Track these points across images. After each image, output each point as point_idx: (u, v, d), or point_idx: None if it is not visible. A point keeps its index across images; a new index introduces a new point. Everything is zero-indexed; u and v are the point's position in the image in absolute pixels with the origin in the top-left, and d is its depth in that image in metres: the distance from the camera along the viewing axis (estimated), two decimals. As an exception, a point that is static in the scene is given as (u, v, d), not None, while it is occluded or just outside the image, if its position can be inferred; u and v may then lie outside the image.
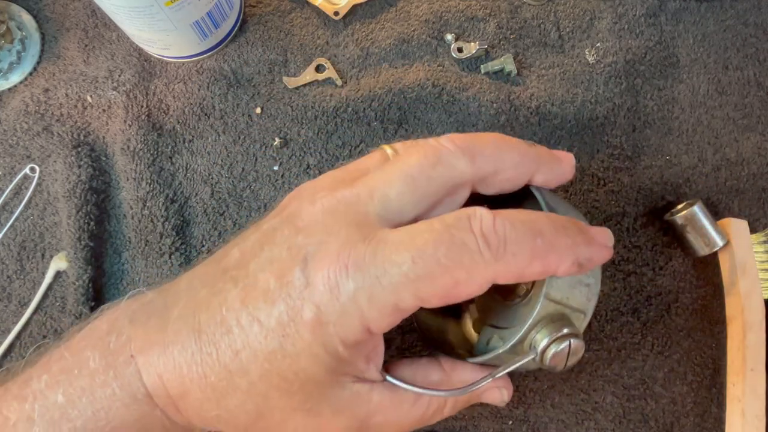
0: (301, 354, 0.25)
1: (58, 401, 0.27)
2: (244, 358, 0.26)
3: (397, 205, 0.27)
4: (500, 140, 0.29)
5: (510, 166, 0.28)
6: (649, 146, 0.41)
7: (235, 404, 0.27)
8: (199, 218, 0.40)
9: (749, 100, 0.41)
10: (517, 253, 0.25)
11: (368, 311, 0.25)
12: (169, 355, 0.26)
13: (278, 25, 0.43)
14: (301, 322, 0.25)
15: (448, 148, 0.28)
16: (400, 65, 0.42)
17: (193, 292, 0.28)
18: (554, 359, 0.27)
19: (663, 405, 0.37)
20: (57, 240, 0.40)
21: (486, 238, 0.25)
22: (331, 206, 0.27)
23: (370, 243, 0.25)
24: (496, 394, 0.32)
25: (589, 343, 0.38)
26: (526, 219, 0.26)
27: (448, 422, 0.37)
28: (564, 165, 0.30)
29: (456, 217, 0.25)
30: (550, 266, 0.26)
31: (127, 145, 0.40)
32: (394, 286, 0.24)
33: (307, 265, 0.25)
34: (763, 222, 0.40)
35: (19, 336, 0.38)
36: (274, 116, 0.41)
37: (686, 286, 0.39)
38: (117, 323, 0.28)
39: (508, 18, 0.43)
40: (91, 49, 0.43)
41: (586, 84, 0.41)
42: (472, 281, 0.25)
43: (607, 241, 0.28)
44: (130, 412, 0.27)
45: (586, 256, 0.26)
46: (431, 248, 0.24)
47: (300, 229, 0.27)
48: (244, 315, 0.26)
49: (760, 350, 0.36)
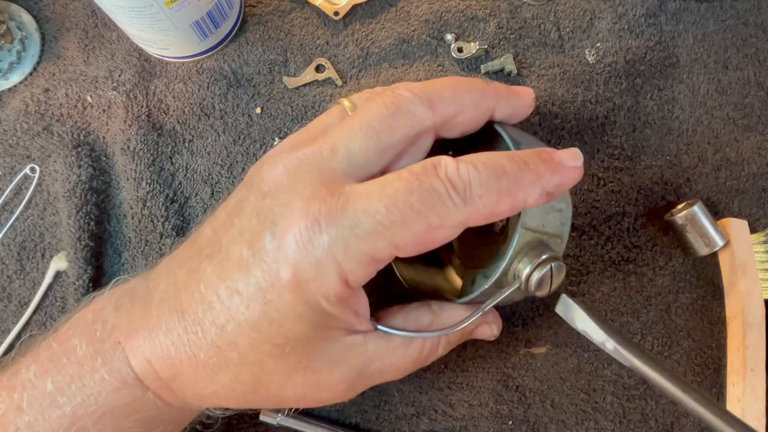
0: (286, 316, 0.25)
1: (47, 389, 0.27)
2: (230, 331, 0.26)
3: (362, 158, 0.27)
4: (457, 82, 0.29)
5: (469, 106, 0.29)
6: (649, 146, 0.41)
7: (230, 378, 0.27)
8: (199, 218, 0.40)
9: (749, 100, 0.41)
10: (483, 195, 0.25)
11: (344, 263, 0.25)
12: (155, 339, 0.27)
13: (278, 25, 0.43)
14: (280, 284, 0.25)
15: (407, 97, 0.28)
16: (400, 65, 0.42)
17: (172, 275, 0.28)
18: (539, 285, 0.28)
19: (663, 405, 0.37)
20: (57, 240, 0.40)
21: (452, 183, 0.25)
22: (293, 166, 0.27)
23: (339, 197, 0.25)
24: (486, 329, 0.33)
25: (589, 344, 0.38)
26: (487, 161, 0.26)
27: (448, 422, 0.37)
28: (523, 98, 0.31)
29: (422, 166, 0.26)
30: (518, 202, 0.26)
31: (127, 145, 0.40)
32: (369, 235, 0.24)
33: (276, 226, 0.25)
34: (763, 222, 0.40)
35: (19, 336, 0.38)
36: (274, 116, 0.41)
37: (686, 286, 0.39)
38: (102, 312, 0.28)
39: (508, 18, 0.43)
40: (91, 49, 0.43)
41: (586, 84, 0.41)
42: (445, 225, 0.25)
43: (575, 161, 0.28)
44: (121, 396, 0.27)
45: (554, 183, 0.27)
46: (403, 195, 0.25)
47: (266, 194, 0.27)
48: (223, 288, 0.26)
49: (760, 350, 0.36)
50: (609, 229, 0.39)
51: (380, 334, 0.29)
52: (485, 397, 0.37)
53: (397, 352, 0.29)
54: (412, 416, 0.37)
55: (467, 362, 0.38)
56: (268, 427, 0.37)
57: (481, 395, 0.37)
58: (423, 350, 0.30)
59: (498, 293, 0.29)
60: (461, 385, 0.37)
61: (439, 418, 0.37)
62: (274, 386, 0.28)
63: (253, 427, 0.37)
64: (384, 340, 0.29)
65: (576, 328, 0.29)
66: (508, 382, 0.37)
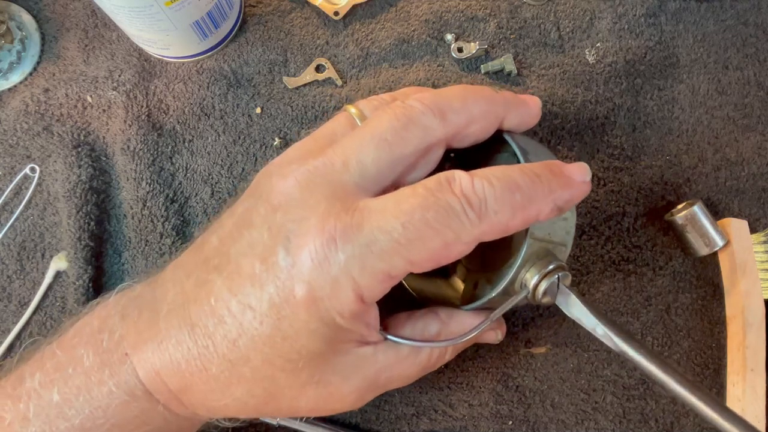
0: (299, 332, 0.25)
1: (53, 400, 0.27)
2: (242, 346, 0.26)
3: (375, 171, 0.26)
4: (466, 91, 0.29)
5: (479, 116, 0.28)
6: (649, 146, 0.41)
7: (242, 392, 0.27)
8: (199, 218, 0.40)
9: (749, 100, 0.41)
10: (498, 211, 0.25)
11: (360, 280, 0.25)
12: (164, 351, 0.26)
13: (278, 25, 0.43)
14: (295, 301, 0.25)
15: (419, 108, 0.27)
16: (400, 65, 0.42)
17: (180, 284, 0.28)
18: (546, 294, 0.28)
19: (663, 405, 0.37)
20: (57, 240, 0.40)
21: (468, 199, 0.25)
22: (304, 179, 0.26)
23: (354, 213, 0.25)
24: (491, 335, 0.33)
25: (589, 343, 0.38)
26: (501, 175, 0.26)
27: (448, 422, 0.37)
28: (531, 107, 0.31)
29: (437, 182, 0.25)
30: (531, 216, 0.26)
31: (127, 145, 0.40)
32: (385, 252, 0.24)
33: (291, 243, 0.25)
34: (763, 222, 0.40)
35: (19, 336, 0.38)
36: (274, 116, 0.41)
37: (686, 286, 0.39)
38: (108, 320, 0.28)
39: (508, 18, 0.43)
40: (91, 49, 0.43)
41: (586, 84, 0.41)
42: (460, 242, 0.25)
43: (584, 176, 0.28)
44: (130, 409, 0.27)
45: (565, 198, 0.27)
46: (419, 212, 0.24)
47: (276, 207, 0.26)
48: (234, 303, 0.26)
49: (760, 350, 0.36)
50: (609, 229, 0.39)
51: (389, 344, 0.29)
52: (485, 397, 0.37)
53: (406, 361, 0.29)
54: (412, 416, 0.37)
55: (467, 362, 0.38)
56: (268, 427, 0.37)
57: (481, 395, 0.37)
58: (431, 358, 0.30)
59: (506, 302, 0.29)
60: (461, 385, 0.37)
61: (439, 418, 0.37)
62: (286, 400, 0.28)
63: (253, 427, 0.37)
64: (393, 350, 0.29)
65: (570, 315, 0.29)
66: (508, 382, 0.37)
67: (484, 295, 0.30)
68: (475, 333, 0.29)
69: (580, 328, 0.38)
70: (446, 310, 0.31)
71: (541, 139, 0.40)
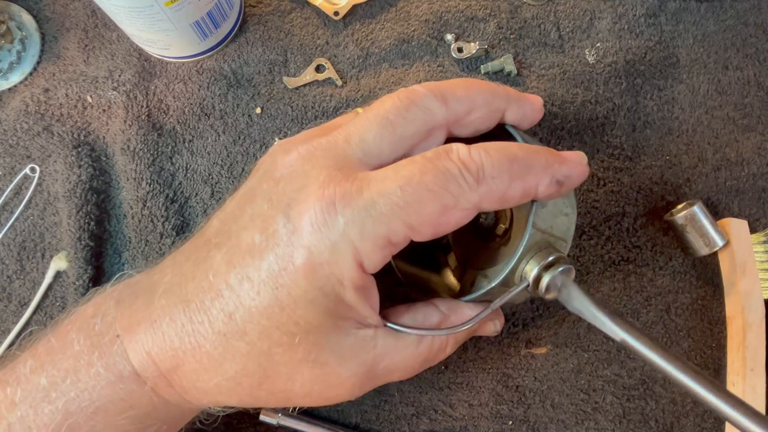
0: (298, 302, 0.25)
1: (41, 384, 0.26)
2: (239, 318, 0.25)
3: (377, 149, 0.27)
4: (468, 82, 0.30)
5: (481, 104, 0.29)
6: (649, 146, 0.41)
7: (236, 369, 0.26)
8: (199, 218, 0.40)
9: (749, 100, 0.41)
10: (496, 176, 0.26)
11: (360, 245, 0.25)
12: (158, 330, 0.26)
13: (278, 25, 0.43)
14: (293, 268, 0.25)
15: (421, 91, 0.28)
16: (400, 65, 0.42)
17: (178, 267, 0.28)
18: (548, 286, 0.28)
19: (663, 405, 0.37)
20: (57, 240, 0.40)
21: (465, 164, 0.25)
22: (307, 152, 0.27)
23: (354, 180, 0.25)
24: (490, 326, 0.33)
25: (589, 344, 0.38)
26: (499, 146, 0.27)
27: (448, 422, 0.37)
28: (534, 104, 0.31)
29: (435, 151, 0.26)
30: (530, 186, 0.26)
31: (127, 145, 0.40)
32: (385, 216, 0.24)
33: (291, 210, 0.25)
34: (763, 222, 0.40)
35: (19, 336, 0.38)
36: (274, 116, 0.41)
37: (686, 286, 0.39)
38: (103, 306, 0.28)
39: (508, 18, 0.43)
40: (91, 49, 0.43)
41: (586, 84, 0.41)
42: (459, 206, 0.25)
43: (582, 160, 0.29)
44: (116, 391, 0.27)
45: (563, 173, 0.27)
46: (418, 176, 0.25)
47: (278, 180, 0.26)
48: (233, 276, 0.25)
49: (760, 350, 0.36)
50: (609, 229, 0.39)
51: (389, 331, 0.29)
52: (485, 397, 0.37)
53: (406, 350, 0.29)
54: (412, 416, 0.37)
55: (467, 362, 0.38)
56: (268, 428, 0.37)
57: (481, 395, 0.37)
58: (432, 349, 0.30)
59: (506, 292, 0.29)
60: (461, 385, 0.37)
61: (439, 418, 0.37)
62: (280, 379, 0.27)
63: (253, 427, 0.37)
64: (393, 338, 0.29)
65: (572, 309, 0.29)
66: (508, 382, 0.37)
67: (482, 288, 0.30)
68: (475, 321, 0.29)
69: (580, 328, 0.38)
70: (446, 301, 0.31)
71: (541, 139, 0.40)
